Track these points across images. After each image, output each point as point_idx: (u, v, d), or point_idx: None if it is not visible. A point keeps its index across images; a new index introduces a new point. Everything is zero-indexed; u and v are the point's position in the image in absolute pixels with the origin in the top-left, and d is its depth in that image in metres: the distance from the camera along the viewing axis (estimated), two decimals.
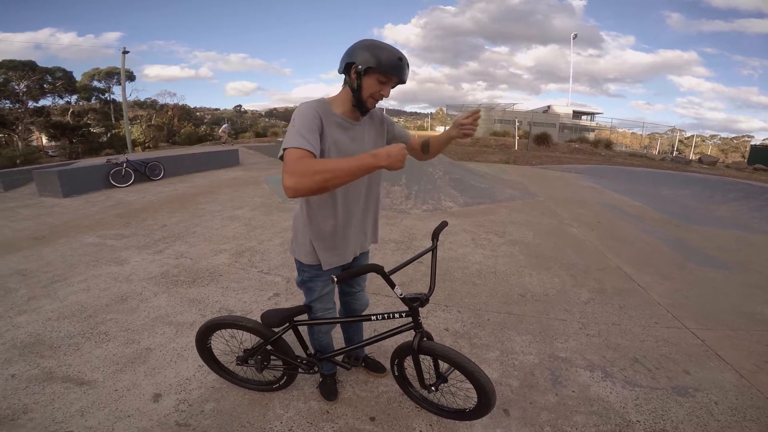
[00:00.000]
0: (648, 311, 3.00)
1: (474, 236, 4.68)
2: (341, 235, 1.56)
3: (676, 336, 2.66)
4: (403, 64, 1.31)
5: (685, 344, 2.56)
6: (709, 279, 3.72)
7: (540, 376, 2.18)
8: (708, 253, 4.51)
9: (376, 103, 1.41)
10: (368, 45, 1.32)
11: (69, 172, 7.73)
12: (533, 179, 9.96)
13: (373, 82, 1.33)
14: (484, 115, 34.67)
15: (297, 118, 1.33)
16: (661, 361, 2.37)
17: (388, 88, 1.36)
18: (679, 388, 2.12)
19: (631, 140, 36.84)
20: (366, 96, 1.36)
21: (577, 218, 5.80)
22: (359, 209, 1.59)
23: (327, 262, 1.57)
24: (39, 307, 2.93)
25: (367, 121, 1.54)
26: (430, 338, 1.59)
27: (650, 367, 2.31)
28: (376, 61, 1.29)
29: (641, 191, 8.79)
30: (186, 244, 4.37)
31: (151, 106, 33.24)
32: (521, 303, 3.04)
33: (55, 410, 1.87)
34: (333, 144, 1.38)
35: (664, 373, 2.25)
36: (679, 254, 4.39)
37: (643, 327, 2.76)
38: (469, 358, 1.45)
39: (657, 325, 2.79)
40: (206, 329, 1.84)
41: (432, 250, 1.58)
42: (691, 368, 2.31)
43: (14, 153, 18.92)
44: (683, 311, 3.02)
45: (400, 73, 1.32)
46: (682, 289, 3.44)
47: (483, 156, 15.59)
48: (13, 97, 24.25)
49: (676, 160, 20.23)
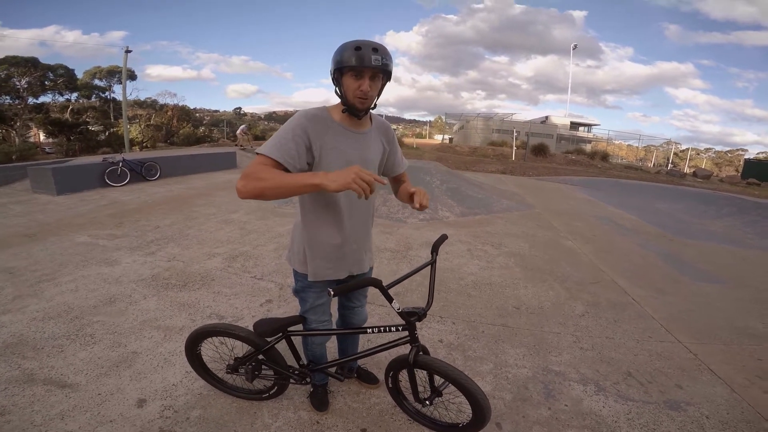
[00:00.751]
0: (642, 325, 2.99)
1: (470, 247, 4.66)
2: (338, 248, 1.51)
3: (669, 350, 2.65)
4: (362, 52, 1.23)
5: (678, 358, 2.55)
6: (703, 293, 3.72)
7: (533, 390, 2.16)
8: (702, 267, 4.52)
9: (364, 102, 1.32)
10: (338, 48, 1.29)
11: (64, 170, 7.65)
12: (530, 190, 10.00)
13: (349, 81, 1.29)
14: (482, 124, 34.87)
15: (284, 126, 1.33)
16: (654, 375, 2.36)
17: (365, 81, 1.27)
18: (671, 402, 2.11)
19: (627, 152, 37.17)
20: (351, 97, 1.31)
21: (572, 231, 5.81)
22: (362, 222, 1.56)
23: (315, 273, 1.53)
24: (24, 306, 2.87)
25: (375, 133, 1.51)
26: (426, 352, 1.56)
27: (643, 381, 2.29)
28: (339, 59, 1.27)
29: (636, 205, 8.84)
30: (179, 246, 4.32)
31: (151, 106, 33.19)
32: (516, 315, 3.02)
33: (34, 413, 1.82)
34: (333, 150, 1.35)
35: (657, 387, 2.24)
36: (673, 268, 4.40)
37: (637, 341, 2.75)
38: (465, 374, 1.42)
39: (650, 339, 2.78)
40: (197, 335, 1.79)
41: (431, 263, 1.55)
42: (684, 382, 2.30)
43: (10, 149, 18.78)
44: (677, 325, 3.01)
45: (362, 60, 1.23)
46: (676, 304, 3.43)
47: (480, 165, 15.67)
48: (14, 93, 24.12)
49: (671, 174, 20.44)
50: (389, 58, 1.29)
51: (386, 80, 1.36)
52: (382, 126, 1.56)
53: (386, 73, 1.32)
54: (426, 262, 1.56)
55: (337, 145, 1.36)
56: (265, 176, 1.16)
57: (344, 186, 1.08)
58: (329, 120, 1.38)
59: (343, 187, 1.09)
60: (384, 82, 1.36)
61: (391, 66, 1.30)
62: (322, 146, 1.34)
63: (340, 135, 1.38)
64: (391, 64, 1.30)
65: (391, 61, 1.30)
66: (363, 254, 1.62)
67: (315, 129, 1.33)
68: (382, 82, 1.35)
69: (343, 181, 1.08)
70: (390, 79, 1.36)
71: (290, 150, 1.26)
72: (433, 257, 1.56)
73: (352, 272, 1.62)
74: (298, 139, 1.29)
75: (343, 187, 1.08)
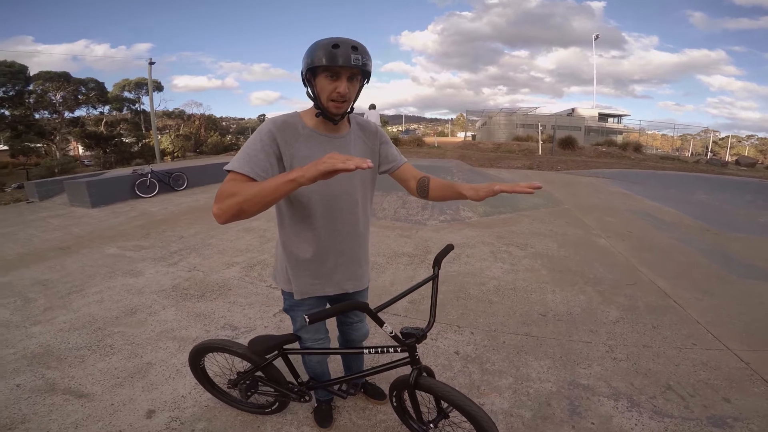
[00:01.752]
0: (685, 331, 2.74)
1: (493, 249, 4.46)
2: (320, 262, 1.41)
3: (716, 359, 2.41)
4: (339, 51, 1.10)
5: (726, 368, 2.31)
6: (756, 293, 3.38)
7: (557, 406, 1.99)
8: (753, 263, 4.14)
9: (340, 106, 1.20)
10: (310, 47, 1.17)
11: (97, 183, 8.01)
12: (558, 185, 9.59)
13: (324, 82, 1.17)
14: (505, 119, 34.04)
15: (252, 137, 1.22)
16: (698, 387, 2.14)
17: (342, 83, 1.16)
18: (715, 419, 1.90)
19: (661, 142, 35.31)
20: (325, 100, 1.20)
21: (605, 228, 5.48)
22: (348, 230, 1.41)
23: (301, 291, 1.44)
24: (53, 317, 2.97)
25: (356, 134, 1.39)
26: (431, 373, 1.45)
27: (684, 394, 2.08)
28: (312, 58, 1.14)
29: (675, 196, 8.29)
30: (200, 256, 4.38)
31: (179, 116, 34.42)
32: (542, 323, 2.84)
33: (51, 422, 1.89)
34: (306, 159, 1.21)
35: (700, 401, 2.03)
36: (719, 266, 4.04)
37: (679, 349, 2.52)
38: (470, 398, 1.30)
39: (695, 347, 2.54)
40: (197, 351, 1.79)
41: (433, 278, 1.42)
42: (732, 395, 2.07)
43: (52, 163, 19.93)
44: (725, 330, 2.74)
45: (339, 59, 1.11)
46: (724, 306, 3.13)
47: (505, 162, 15.24)
48: (51, 108, 25.57)
49: (711, 162, 19.20)
50: (369, 57, 1.17)
51: (365, 82, 1.25)
52: (363, 125, 1.43)
53: (365, 73, 1.20)
54: (427, 278, 1.44)
55: (310, 154, 1.24)
56: (237, 190, 1.04)
57: (321, 170, 0.91)
58: (301, 126, 1.27)
59: (319, 173, 0.91)
60: (362, 84, 1.25)
61: (370, 66, 1.18)
62: (293, 155, 1.23)
63: (313, 141, 1.26)
64: (371, 64, 1.19)
65: (370, 60, 1.18)
66: (356, 268, 1.50)
67: (284, 137, 1.22)
68: (360, 83, 1.23)
69: (317, 167, 0.92)
70: (369, 80, 1.24)
71: (261, 161, 1.16)
72: (435, 271, 1.43)
73: (346, 290, 1.50)
74: (267, 149, 1.19)
75: (318, 172, 0.91)
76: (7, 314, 3.07)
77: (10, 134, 24.35)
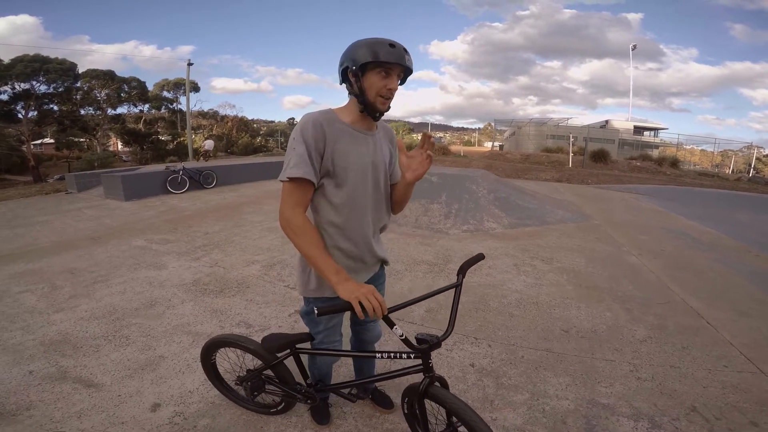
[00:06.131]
0: (716, 352, 2.55)
1: (517, 261, 4.31)
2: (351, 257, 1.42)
3: (747, 381, 2.23)
4: (395, 50, 1.19)
5: (758, 391, 2.14)
6: None
7: (572, 425, 1.87)
8: None
9: (387, 102, 1.26)
10: (357, 44, 1.23)
11: (131, 177, 8.35)
12: (588, 200, 9.26)
13: (375, 78, 1.21)
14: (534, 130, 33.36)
15: (297, 135, 1.23)
16: (725, 410, 1.98)
17: (393, 80, 1.23)
18: None
19: (700, 158, 33.67)
20: (373, 96, 1.24)
21: (637, 245, 5.21)
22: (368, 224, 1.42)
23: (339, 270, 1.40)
24: (76, 305, 3.06)
25: (383, 136, 1.43)
26: (444, 383, 1.37)
27: (709, 416, 1.93)
28: (370, 54, 1.19)
29: (713, 215, 7.82)
30: (223, 252, 4.45)
31: (213, 117, 35.57)
32: (563, 339, 2.69)
33: (56, 410, 1.91)
34: (341, 156, 1.26)
35: (726, 424, 1.88)
36: (759, 287, 3.76)
37: (708, 371, 2.34)
38: (479, 416, 1.22)
39: (726, 369, 2.36)
40: (209, 346, 1.79)
41: (456, 286, 1.36)
42: (761, 419, 1.91)
43: (93, 157, 20.99)
44: (761, 353, 2.54)
45: (399, 58, 1.19)
46: (762, 328, 2.90)
47: (533, 173, 14.89)
48: (95, 104, 27.00)
49: (754, 180, 18.15)
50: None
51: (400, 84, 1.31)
52: (387, 130, 1.49)
53: (406, 77, 1.30)
54: (449, 285, 1.37)
55: (350, 149, 1.29)
56: (300, 234, 1.24)
57: (353, 299, 1.12)
58: (339, 122, 1.29)
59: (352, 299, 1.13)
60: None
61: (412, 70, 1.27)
62: (334, 150, 1.26)
63: (352, 137, 1.30)
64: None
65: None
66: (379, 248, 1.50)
67: (330, 130, 1.25)
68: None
69: (352, 295, 1.13)
70: (404, 83, 1.33)
71: (317, 159, 1.25)
72: (459, 279, 1.37)
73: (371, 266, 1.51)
74: (318, 147, 1.24)
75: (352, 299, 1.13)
76: (34, 300, 3.18)
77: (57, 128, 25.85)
